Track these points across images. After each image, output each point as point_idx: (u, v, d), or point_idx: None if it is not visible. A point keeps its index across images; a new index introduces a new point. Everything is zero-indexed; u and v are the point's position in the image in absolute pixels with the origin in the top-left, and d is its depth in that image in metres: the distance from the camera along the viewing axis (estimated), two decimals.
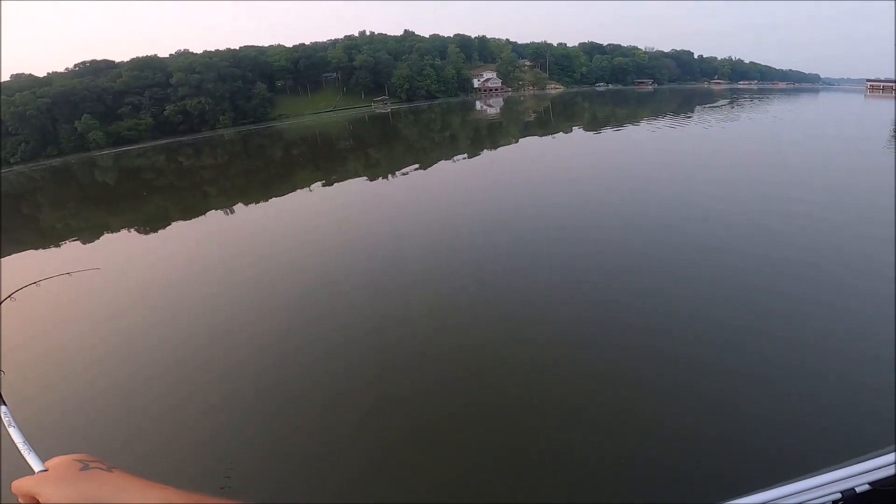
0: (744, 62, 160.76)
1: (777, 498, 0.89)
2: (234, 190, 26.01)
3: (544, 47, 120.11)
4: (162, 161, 46.56)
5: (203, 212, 20.07)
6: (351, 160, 32.85)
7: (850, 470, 0.90)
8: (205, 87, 75.10)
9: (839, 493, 0.88)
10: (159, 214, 20.93)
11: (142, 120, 70.81)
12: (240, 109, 79.59)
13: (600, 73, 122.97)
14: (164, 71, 76.29)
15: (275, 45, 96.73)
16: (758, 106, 55.26)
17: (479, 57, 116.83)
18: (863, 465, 0.90)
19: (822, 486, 0.89)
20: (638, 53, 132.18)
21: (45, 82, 69.99)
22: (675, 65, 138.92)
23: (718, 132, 31.33)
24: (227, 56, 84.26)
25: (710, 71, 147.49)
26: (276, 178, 29.01)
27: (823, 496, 0.88)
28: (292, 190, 22.82)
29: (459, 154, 28.78)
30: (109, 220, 21.31)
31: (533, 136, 35.81)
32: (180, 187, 29.89)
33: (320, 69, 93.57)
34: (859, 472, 0.89)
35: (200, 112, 74.32)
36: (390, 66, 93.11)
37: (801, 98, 75.03)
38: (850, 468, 0.90)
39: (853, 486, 0.88)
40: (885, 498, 0.87)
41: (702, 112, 47.90)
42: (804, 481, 0.91)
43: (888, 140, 25.84)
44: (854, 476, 0.89)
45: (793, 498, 0.88)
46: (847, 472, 0.90)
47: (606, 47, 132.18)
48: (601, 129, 37.03)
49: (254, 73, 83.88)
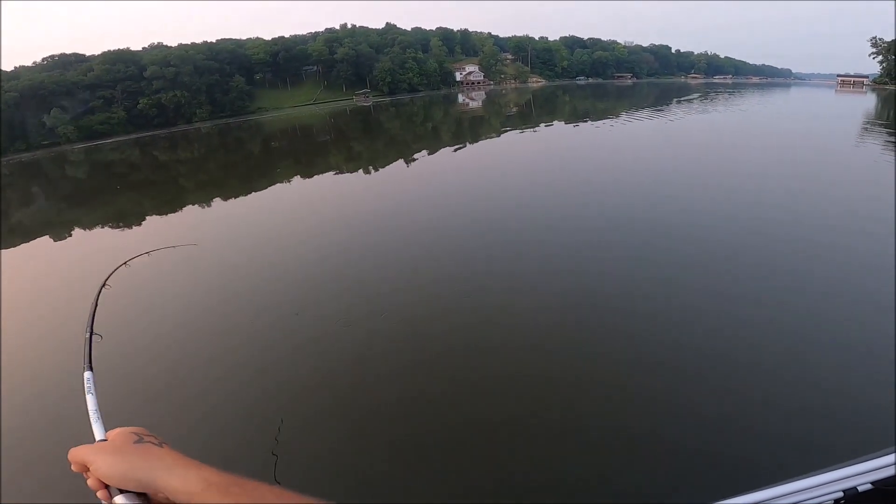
0: (719, 57, 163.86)
1: (780, 495, 0.89)
2: (210, 184, 25.50)
3: (526, 41, 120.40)
4: (136, 155, 45.35)
5: (180, 207, 19.62)
6: (332, 153, 32.54)
7: (853, 469, 0.90)
8: (180, 81, 73.18)
9: (841, 491, 0.88)
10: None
11: (114, 114, 68.75)
12: (217, 103, 77.83)
13: (581, 66, 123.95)
14: (138, 64, 74.00)
15: (253, 38, 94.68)
16: (732, 100, 56.46)
17: (462, 50, 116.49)
18: (865, 464, 0.90)
19: (825, 484, 0.89)
20: (618, 48, 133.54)
21: (13, 76, 67.30)
22: (653, 59, 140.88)
23: (693, 124, 31.96)
24: (204, 49, 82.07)
25: (687, 65, 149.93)
26: (255, 170, 28.53)
27: (826, 494, 0.88)
28: (271, 184, 22.49)
29: (442, 147, 28.73)
30: None
31: (514, 129, 35.93)
32: (156, 181, 29.16)
33: (300, 62, 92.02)
34: (861, 472, 0.89)
35: (176, 105, 72.47)
36: (372, 59, 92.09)
37: (775, 92, 76.87)
38: (853, 467, 0.90)
39: (855, 485, 0.88)
40: (886, 497, 0.88)
41: (688, 105, 48.74)
42: (807, 479, 0.91)
43: (858, 135, 26.70)
44: (856, 475, 0.89)
45: (796, 496, 0.89)
46: (849, 471, 0.90)
47: (587, 41, 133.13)
48: (580, 123, 37.35)
49: (232, 66, 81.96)
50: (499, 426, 5.12)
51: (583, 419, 5.16)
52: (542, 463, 4.62)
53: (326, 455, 4.91)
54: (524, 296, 8.02)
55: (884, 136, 25.33)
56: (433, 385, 5.88)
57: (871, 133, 27.14)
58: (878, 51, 74.57)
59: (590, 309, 7.44)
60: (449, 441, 4.99)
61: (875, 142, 23.44)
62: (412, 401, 5.64)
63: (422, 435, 5.10)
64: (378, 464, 4.73)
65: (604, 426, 5.03)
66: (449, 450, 4.89)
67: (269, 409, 5.62)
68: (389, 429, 5.21)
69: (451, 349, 6.62)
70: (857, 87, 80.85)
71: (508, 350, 6.48)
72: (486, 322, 7.25)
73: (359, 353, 6.68)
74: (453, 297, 8.18)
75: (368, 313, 7.81)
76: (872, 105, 48.47)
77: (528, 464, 4.62)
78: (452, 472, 4.57)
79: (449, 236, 11.56)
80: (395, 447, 4.96)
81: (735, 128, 31.10)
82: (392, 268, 9.80)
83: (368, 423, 5.30)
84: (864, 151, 21.14)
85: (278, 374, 6.34)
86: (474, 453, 4.78)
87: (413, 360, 6.46)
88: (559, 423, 5.12)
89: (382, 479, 4.56)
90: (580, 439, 4.87)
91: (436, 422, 5.28)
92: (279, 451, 4.84)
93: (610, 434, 4.90)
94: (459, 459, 4.72)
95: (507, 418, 5.20)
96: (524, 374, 5.94)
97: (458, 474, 4.53)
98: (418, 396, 5.70)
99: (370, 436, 5.11)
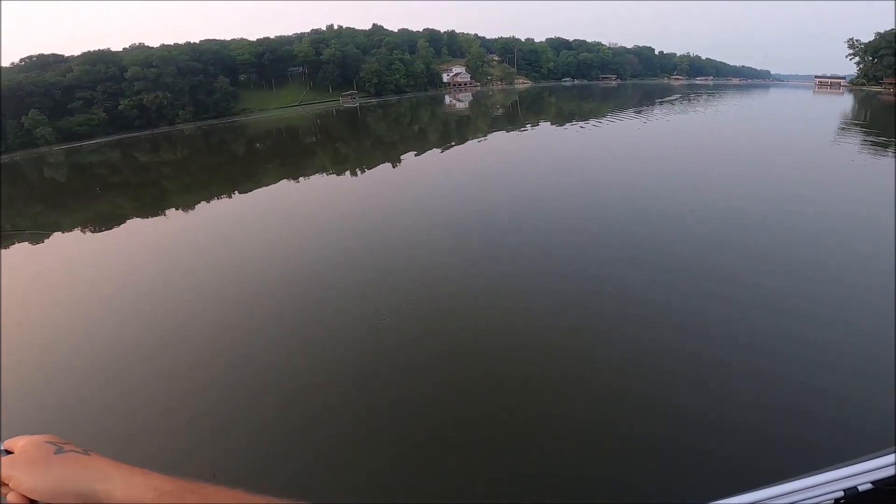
0: (701, 58, 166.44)
1: (780, 494, 0.88)
2: (194, 186, 25.11)
3: (512, 42, 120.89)
4: (116, 156, 44.50)
5: (162, 211, 19.28)
6: (319, 155, 32.28)
7: (853, 469, 0.89)
8: (163, 81, 71.97)
9: (842, 490, 0.88)
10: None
11: (94, 115, 67.38)
12: (201, 104, 76.71)
13: (566, 68, 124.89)
14: (118, 65, 72.63)
15: (238, 39, 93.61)
16: (713, 102, 57.39)
17: (449, 52, 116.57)
18: (865, 464, 0.90)
19: (825, 483, 0.89)
20: (602, 49, 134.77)
21: None
22: (637, 60, 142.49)
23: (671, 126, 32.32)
24: (187, 50, 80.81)
25: (670, 66, 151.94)
26: (240, 173, 28.18)
27: (826, 494, 0.88)
28: (257, 186, 22.23)
29: (429, 148, 28.70)
30: None
31: (501, 130, 36.03)
32: (136, 183, 28.61)
33: (286, 63, 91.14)
34: (862, 471, 0.89)
35: (158, 107, 71.28)
36: (359, 61, 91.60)
37: (754, 94, 78.28)
38: (853, 467, 0.90)
39: (855, 485, 0.88)
40: (886, 497, 0.87)
41: (670, 106, 49.39)
42: (807, 479, 0.90)
43: (836, 133, 27.36)
44: (857, 475, 0.88)
45: (795, 495, 0.88)
46: (850, 470, 0.89)
47: (572, 43, 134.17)
48: (566, 124, 37.62)
49: (216, 67, 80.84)
50: (498, 426, 5.13)
51: (586, 420, 5.16)
52: (545, 462, 4.62)
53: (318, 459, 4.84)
54: (517, 293, 8.04)
55: (860, 136, 26.04)
56: (419, 389, 5.86)
57: (848, 133, 27.83)
58: (855, 52, 76.46)
59: (589, 308, 7.49)
60: (443, 442, 4.98)
61: (851, 141, 24.05)
62: (408, 402, 5.62)
63: (413, 437, 5.08)
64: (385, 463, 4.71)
65: (606, 426, 5.04)
66: (445, 450, 4.88)
67: None
68: (393, 428, 5.18)
69: (445, 354, 6.59)
70: (834, 88, 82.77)
71: (509, 351, 6.49)
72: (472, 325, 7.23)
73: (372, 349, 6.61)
74: (444, 296, 8.16)
75: (363, 315, 7.75)
76: (849, 106, 49.68)
77: (531, 462, 4.63)
78: (451, 470, 4.61)
79: (434, 237, 11.54)
80: (394, 447, 4.95)
81: (718, 130, 31.57)
82: (380, 268, 9.76)
83: (367, 422, 5.26)
84: (841, 150, 21.69)
85: None
86: (472, 453, 4.78)
87: (408, 361, 6.43)
88: (564, 423, 5.13)
89: (389, 478, 4.56)
90: (584, 440, 4.89)
91: (430, 424, 5.25)
92: None
93: (611, 434, 4.92)
94: (459, 459, 4.73)
95: (509, 418, 5.21)
96: (525, 376, 5.94)
97: (459, 472, 4.55)
98: (404, 399, 5.67)
99: (371, 435, 5.09)
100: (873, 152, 20.77)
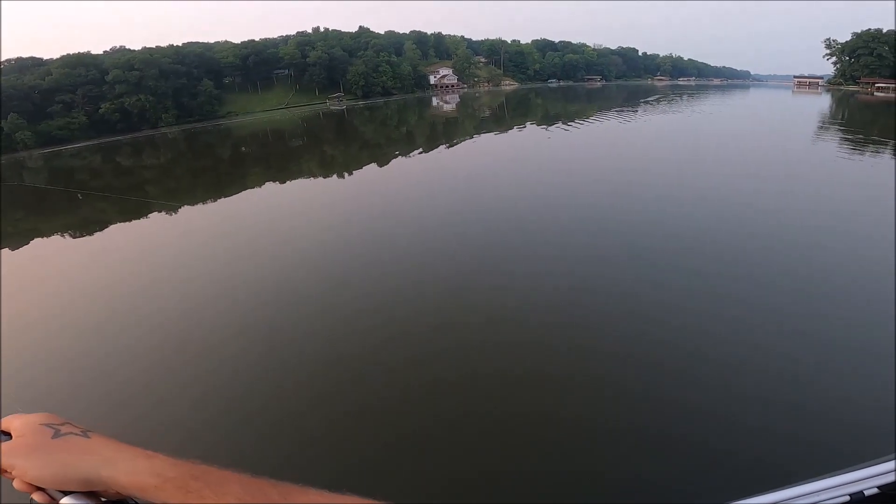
0: (683, 59, 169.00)
1: (787, 499, 0.88)
2: (179, 190, 24.75)
3: (499, 44, 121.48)
4: (98, 161, 43.71)
5: (141, 216, 18.95)
6: (305, 158, 32.06)
7: (859, 473, 0.89)
8: (145, 85, 70.86)
9: (847, 495, 0.87)
10: None
11: (74, 118, 66.07)
12: (184, 107, 75.65)
13: (552, 69, 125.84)
14: (99, 68, 71.39)
15: (222, 42, 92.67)
16: (695, 103, 58.30)
17: (435, 53, 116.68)
18: (872, 469, 0.89)
19: (831, 488, 0.88)
20: (587, 50, 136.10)
21: None
22: (621, 61, 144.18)
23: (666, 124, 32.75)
24: (170, 52, 79.66)
25: (654, 67, 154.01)
26: (225, 176, 27.86)
27: (832, 498, 0.87)
28: (241, 189, 21.99)
29: (415, 150, 28.69)
30: None
31: (489, 132, 36.18)
32: (119, 188, 28.10)
33: (272, 66, 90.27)
34: (868, 476, 0.88)
35: (141, 110, 70.16)
36: (345, 63, 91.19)
37: (735, 94, 79.66)
38: (859, 472, 0.89)
39: (862, 489, 0.87)
40: (892, 501, 0.86)
41: (655, 106, 50.03)
42: (812, 483, 0.89)
43: (815, 133, 27.97)
44: (863, 480, 0.88)
45: (802, 499, 0.88)
46: (856, 475, 0.89)
47: (558, 44, 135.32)
48: (552, 125, 37.90)
49: (200, 70, 79.77)
50: (499, 425, 5.18)
51: (597, 419, 5.20)
52: (551, 460, 4.67)
53: None
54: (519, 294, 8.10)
55: (839, 134, 26.70)
56: (417, 385, 5.93)
57: (827, 132, 28.48)
58: (832, 52, 78.19)
59: (590, 308, 7.63)
60: (440, 438, 5.04)
61: (830, 140, 24.62)
62: (402, 399, 5.72)
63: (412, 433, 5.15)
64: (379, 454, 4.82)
65: (617, 426, 5.07)
66: (442, 447, 4.94)
67: None
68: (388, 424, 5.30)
69: (442, 349, 6.66)
70: (812, 87, 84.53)
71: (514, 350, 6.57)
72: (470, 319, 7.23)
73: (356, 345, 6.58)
74: (437, 296, 8.14)
75: (360, 310, 7.73)
76: (827, 105, 50.85)
77: (534, 462, 4.67)
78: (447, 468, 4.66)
79: (429, 233, 11.54)
80: (392, 444, 5.04)
81: (703, 129, 32.09)
82: (379, 266, 9.81)
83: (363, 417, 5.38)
84: (821, 149, 22.19)
85: None
86: (471, 450, 4.81)
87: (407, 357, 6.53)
88: (575, 422, 5.17)
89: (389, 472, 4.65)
90: (593, 439, 4.95)
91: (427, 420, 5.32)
92: None
93: (620, 434, 4.95)
94: (458, 458, 4.76)
95: (514, 415, 5.28)
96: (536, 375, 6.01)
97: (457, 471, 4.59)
98: (399, 396, 5.72)
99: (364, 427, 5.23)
100: (852, 150, 21.29)
